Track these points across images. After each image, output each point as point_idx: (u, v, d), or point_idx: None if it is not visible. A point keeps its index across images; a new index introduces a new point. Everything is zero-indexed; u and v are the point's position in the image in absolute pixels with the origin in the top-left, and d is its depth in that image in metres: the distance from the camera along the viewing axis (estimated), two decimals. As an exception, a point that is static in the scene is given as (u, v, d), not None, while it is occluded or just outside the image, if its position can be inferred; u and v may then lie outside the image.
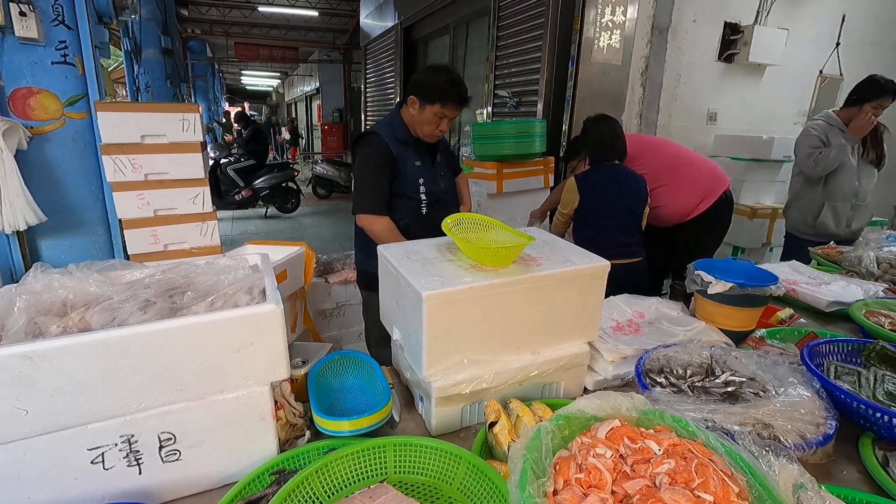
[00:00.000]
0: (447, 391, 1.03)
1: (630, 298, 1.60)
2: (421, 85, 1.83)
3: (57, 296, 0.89)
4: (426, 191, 1.95)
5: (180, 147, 2.12)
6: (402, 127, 1.92)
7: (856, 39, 4.22)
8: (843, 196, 2.83)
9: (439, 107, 1.80)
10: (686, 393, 1.07)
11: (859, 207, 2.84)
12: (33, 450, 0.76)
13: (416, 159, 1.93)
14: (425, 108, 1.82)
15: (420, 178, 1.93)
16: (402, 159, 1.89)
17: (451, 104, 1.81)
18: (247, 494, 0.84)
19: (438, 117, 1.83)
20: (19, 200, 2.28)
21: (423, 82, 1.83)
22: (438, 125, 1.86)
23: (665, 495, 0.64)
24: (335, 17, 12.46)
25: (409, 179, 1.91)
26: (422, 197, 1.94)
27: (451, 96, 1.80)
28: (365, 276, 2.08)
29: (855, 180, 2.79)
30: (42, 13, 2.37)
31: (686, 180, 2.62)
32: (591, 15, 3.75)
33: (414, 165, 1.92)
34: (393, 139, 1.89)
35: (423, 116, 1.84)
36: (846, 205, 2.82)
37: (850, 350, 1.22)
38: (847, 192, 2.83)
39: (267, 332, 0.85)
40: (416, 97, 1.83)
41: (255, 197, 8.08)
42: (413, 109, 1.86)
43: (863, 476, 0.95)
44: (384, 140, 1.87)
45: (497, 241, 1.25)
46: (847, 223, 2.85)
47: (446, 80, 1.80)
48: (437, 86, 1.79)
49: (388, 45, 7.90)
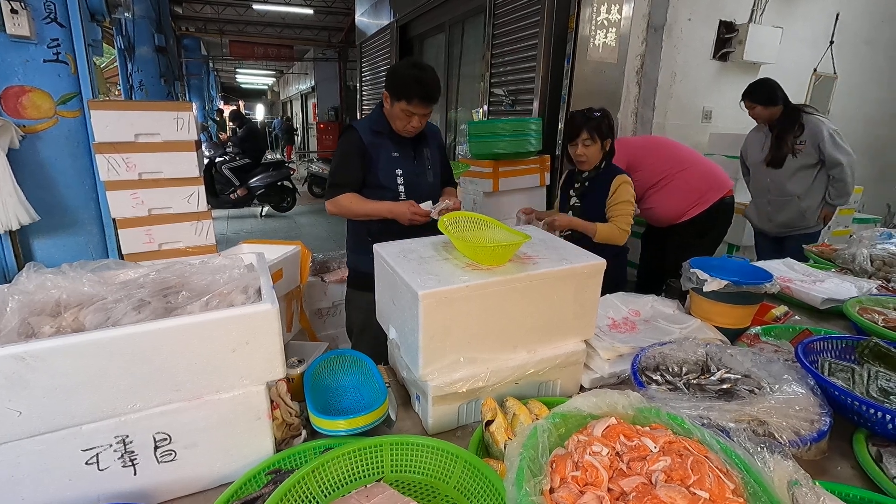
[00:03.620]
0: (443, 390, 1.03)
1: (626, 296, 1.61)
2: (391, 80, 1.80)
3: (50, 296, 0.88)
4: (405, 182, 1.91)
5: (174, 146, 2.11)
6: (380, 118, 1.89)
7: (849, 38, 4.24)
8: (757, 192, 3.08)
9: (405, 104, 1.77)
10: (682, 390, 1.08)
11: (778, 202, 2.93)
12: (27, 451, 0.76)
13: (393, 150, 1.89)
14: (394, 103, 1.80)
15: (397, 168, 1.90)
16: (374, 148, 1.87)
17: (417, 102, 1.76)
18: (243, 494, 0.84)
19: (406, 114, 1.80)
20: (12, 200, 2.26)
21: (393, 78, 1.80)
22: (409, 121, 1.82)
23: (661, 492, 0.64)
24: (330, 15, 12.42)
25: (384, 169, 1.88)
26: (399, 189, 1.90)
27: (416, 94, 1.75)
28: (356, 273, 2.07)
29: (765, 178, 2.96)
30: (34, 11, 2.35)
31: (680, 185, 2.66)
32: (587, 13, 3.75)
33: (389, 155, 1.89)
34: (367, 130, 1.88)
35: (392, 112, 1.82)
36: (763, 200, 3.03)
37: (844, 347, 1.23)
38: (760, 189, 3.03)
39: (262, 331, 0.85)
40: (387, 92, 1.81)
41: (251, 196, 8.04)
42: (386, 104, 1.85)
43: (857, 472, 0.96)
44: (358, 132, 1.87)
45: (493, 239, 1.25)
46: (768, 217, 3.01)
47: (414, 77, 1.75)
48: (404, 83, 1.75)
49: (383, 43, 7.87)
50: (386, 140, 1.89)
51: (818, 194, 2.84)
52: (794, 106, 2.83)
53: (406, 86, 1.75)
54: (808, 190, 2.83)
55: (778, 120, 2.83)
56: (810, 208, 2.85)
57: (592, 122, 2.06)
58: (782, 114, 2.81)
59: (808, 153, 2.77)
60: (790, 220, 2.91)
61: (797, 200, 2.85)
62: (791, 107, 2.82)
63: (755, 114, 2.89)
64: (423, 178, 1.97)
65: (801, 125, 2.76)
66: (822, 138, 2.70)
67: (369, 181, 1.89)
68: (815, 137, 2.73)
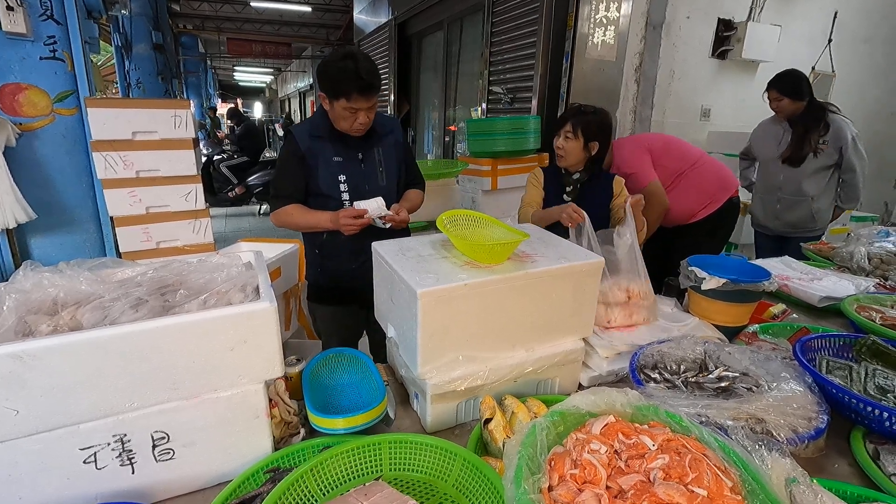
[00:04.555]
0: (442, 388, 1.03)
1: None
2: (323, 78, 1.60)
3: (47, 294, 0.88)
4: (350, 189, 1.72)
5: (172, 144, 2.10)
6: (322, 121, 1.71)
7: (848, 36, 4.24)
8: (766, 188, 2.95)
9: (345, 101, 1.57)
10: (680, 388, 1.08)
11: (789, 201, 2.84)
12: (25, 450, 0.76)
13: (335, 154, 1.71)
14: (333, 103, 1.61)
15: (340, 174, 1.71)
16: (313, 154, 1.69)
17: (357, 96, 1.56)
18: (241, 493, 0.84)
19: (350, 112, 1.60)
20: (8, 198, 2.26)
21: (325, 76, 1.59)
22: (355, 119, 1.62)
23: (659, 490, 0.64)
24: (328, 13, 12.38)
25: (325, 176, 1.71)
26: (343, 196, 1.72)
27: (354, 88, 1.54)
28: (316, 287, 1.93)
29: (778, 174, 2.85)
30: (30, 8, 2.33)
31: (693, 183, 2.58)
32: (586, 11, 3.75)
33: (330, 160, 1.71)
34: (305, 135, 1.71)
35: (334, 112, 1.63)
36: (772, 197, 2.91)
37: (842, 345, 1.23)
38: (770, 185, 2.91)
39: (261, 330, 0.85)
40: (323, 92, 1.62)
41: (249, 194, 8.02)
42: (325, 105, 1.66)
43: (854, 469, 0.96)
44: (295, 138, 1.71)
45: (492, 237, 1.25)
46: (775, 215, 2.91)
47: (347, 69, 1.54)
48: (338, 79, 1.56)
49: (381, 41, 7.86)
50: (326, 144, 1.70)
51: (830, 197, 2.78)
52: (820, 103, 2.72)
53: (341, 81, 1.55)
54: (822, 192, 2.76)
55: (801, 116, 2.70)
56: (821, 210, 2.79)
57: (580, 118, 1.93)
58: (806, 110, 2.69)
59: (829, 154, 2.67)
60: (799, 221, 2.83)
61: (810, 201, 2.77)
62: (817, 104, 2.71)
63: (780, 106, 2.73)
64: (372, 181, 1.76)
65: (827, 124, 2.66)
66: (846, 141, 2.62)
67: (311, 189, 1.74)
68: (838, 139, 2.64)
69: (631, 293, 1.37)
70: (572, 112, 1.98)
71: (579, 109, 1.98)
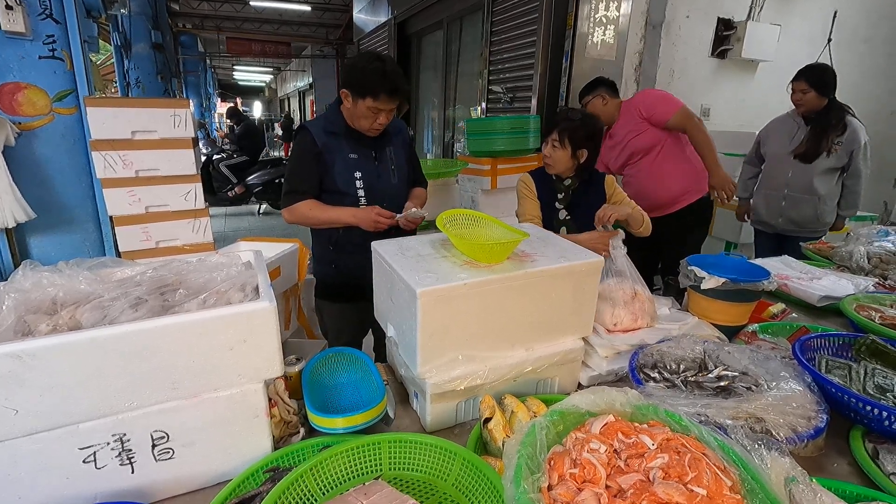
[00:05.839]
0: (442, 388, 1.03)
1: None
2: (351, 77, 1.66)
3: (47, 294, 0.88)
4: (366, 186, 1.78)
5: (171, 143, 2.10)
6: (337, 119, 1.76)
7: (847, 36, 4.24)
8: (772, 184, 2.90)
9: (371, 100, 1.63)
10: (679, 388, 1.08)
11: (796, 198, 2.81)
12: (24, 450, 0.76)
13: (350, 151, 1.76)
14: (357, 102, 1.66)
15: (356, 171, 1.77)
16: (329, 151, 1.74)
17: (384, 97, 1.64)
18: (241, 492, 0.84)
19: (373, 111, 1.67)
20: (7, 197, 2.25)
21: (353, 74, 1.66)
22: (375, 119, 1.69)
23: (659, 489, 0.64)
24: (328, 12, 12.37)
25: (342, 173, 1.75)
26: (360, 193, 1.77)
27: (382, 89, 1.62)
28: (323, 285, 1.96)
29: (787, 170, 2.81)
30: (29, 7, 2.33)
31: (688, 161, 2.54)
32: (585, 10, 3.75)
33: (347, 157, 1.75)
34: (321, 131, 1.75)
35: (357, 111, 1.68)
36: (777, 194, 2.87)
37: (841, 344, 1.23)
38: (777, 181, 2.87)
39: (260, 329, 0.85)
40: (348, 90, 1.67)
41: (249, 193, 8.01)
42: (347, 103, 1.70)
43: (853, 469, 0.96)
44: (311, 134, 1.75)
45: (491, 237, 1.25)
46: (779, 212, 2.88)
47: (377, 71, 1.62)
48: (368, 79, 1.62)
49: (381, 40, 7.86)
50: (342, 141, 1.75)
51: (835, 199, 2.78)
52: (841, 104, 2.72)
53: (371, 81, 1.62)
54: (830, 192, 2.76)
55: (821, 113, 2.69)
56: (825, 212, 2.78)
57: (566, 125, 1.87)
58: (827, 108, 2.68)
59: (840, 156, 2.67)
60: (804, 220, 2.81)
61: (818, 201, 2.76)
62: (838, 104, 2.70)
63: (805, 99, 2.67)
64: (385, 180, 1.82)
65: (845, 125, 2.66)
66: (859, 145, 2.63)
67: (326, 186, 1.77)
68: (852, 142, 2.64)
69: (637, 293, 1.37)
70: (559, 118, 1.93)
71: (565, 115, 1.93)
